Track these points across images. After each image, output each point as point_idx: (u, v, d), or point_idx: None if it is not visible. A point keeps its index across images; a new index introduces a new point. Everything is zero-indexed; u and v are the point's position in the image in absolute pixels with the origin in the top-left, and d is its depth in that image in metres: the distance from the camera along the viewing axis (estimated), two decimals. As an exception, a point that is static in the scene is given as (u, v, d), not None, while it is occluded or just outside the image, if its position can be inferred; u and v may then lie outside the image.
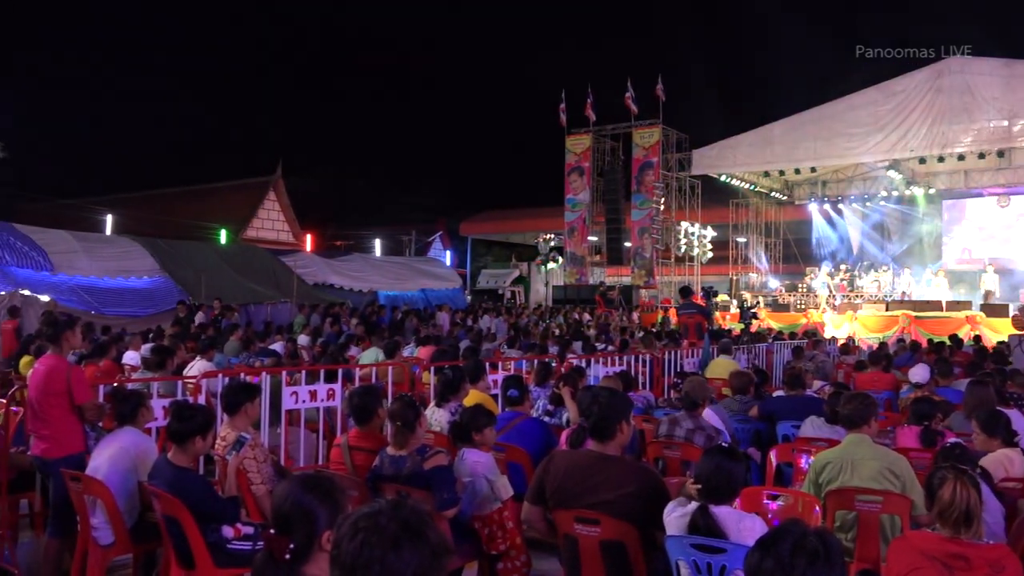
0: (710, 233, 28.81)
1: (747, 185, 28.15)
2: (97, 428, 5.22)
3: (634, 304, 26.42)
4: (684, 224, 27.98)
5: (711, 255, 28.95)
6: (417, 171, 68.46)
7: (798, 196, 29.79)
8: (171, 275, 17.93)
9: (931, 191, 26.51)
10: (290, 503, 2.29)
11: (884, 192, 27.10)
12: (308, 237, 35.01)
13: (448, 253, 41.88)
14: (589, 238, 30.34)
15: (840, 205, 28.84)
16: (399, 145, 78.34)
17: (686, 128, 28.49)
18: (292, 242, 33.93)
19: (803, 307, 24.28)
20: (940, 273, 24.54)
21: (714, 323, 18.57)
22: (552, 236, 30.85)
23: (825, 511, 4.22)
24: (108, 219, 29.26)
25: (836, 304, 23.64)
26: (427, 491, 4.04)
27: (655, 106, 28.11)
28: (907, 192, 26.68)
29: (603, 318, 21.99)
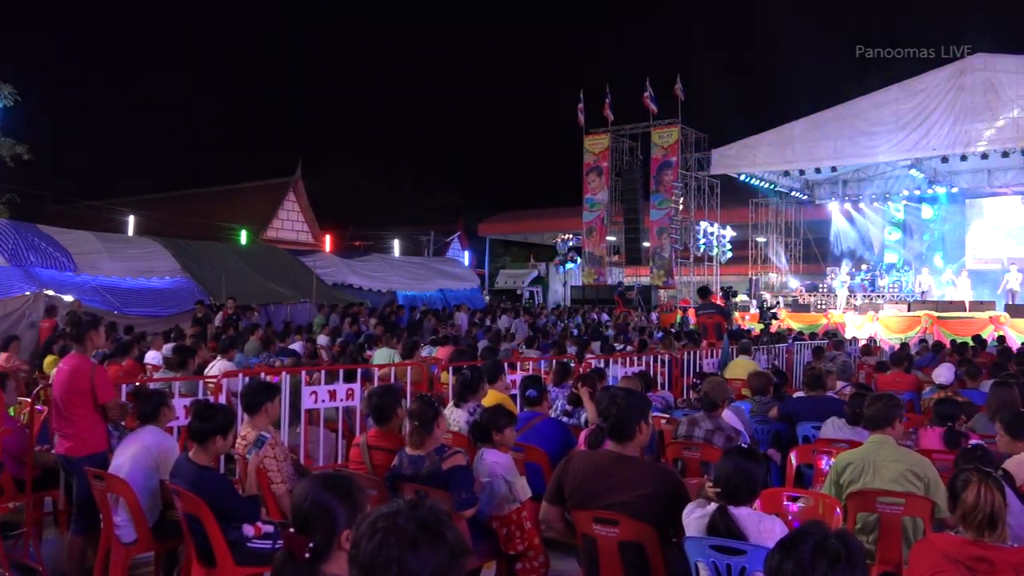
0: (729, 233, 28.65)
1: (767, 184, 27.96)
2: (120, 427, 5.27)
3: (653, 304, 26.32)
4: (703, 224, 27.84)
5: (730, 255, 28.79)
6: (435, 172, 68.63)
7: (818, 195, 29.52)
8: (192, 275, 18.06)
9: (954, 190, 26.21)
10: (310, 502, 2.30)
11: (906, 191, 26.83)
12: (327, 237, 35.20)
13: (466, 253, 41.92)
14: (607, 238, 30.28)
15: (861, 204, 28.56)
16: (418, 146, 78.57)
17: (705, 127, 28.42)
18: (311, 242, 34.13)
19: (823, 307, 24.08)
20: (963, 273, 24.26)
21: (733, 323, 18.49)
22: (570, 236, 30.82)
23: (846, 513, 4.18)
24: (130, 220, 29.57)
25: (857, 304, 23.44)
26: (445, 491, 4.04)
27: (674, 105, 28.07)
28: (929, 191, 26.41)
29: (622, 318, 21.93)
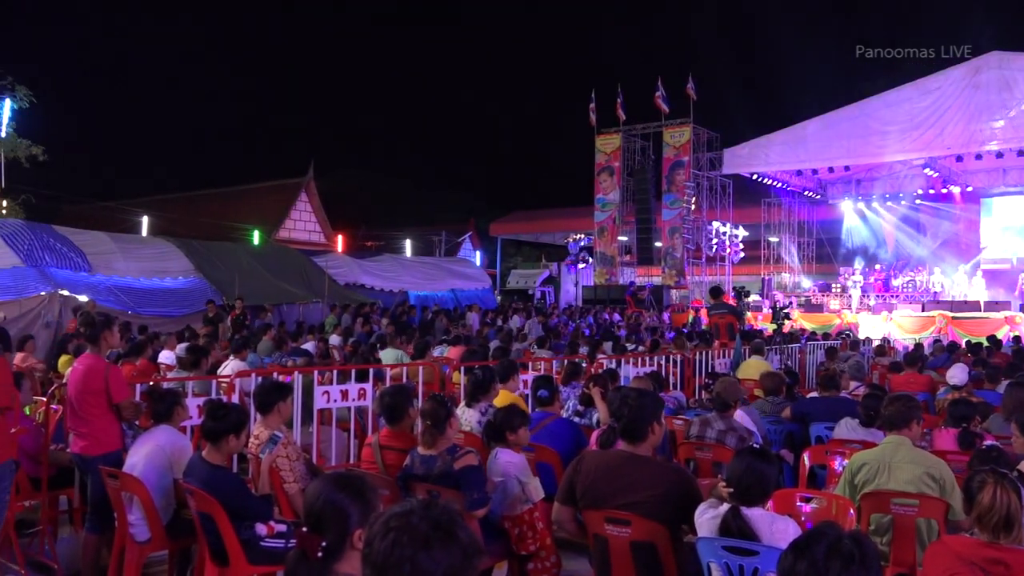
0: (741, 233, 28.55)
1: (779, 184, 27.82)
2: (134, 426, 5.30)
3: (665, 304, 26.25)
4: (715, 224, 27.75)
5: (743, 255, 28.68)
6: (447, 172, 68.79)
7: (831, 195, 29.36)
8: (205, 276, 18.13)
9: (968, 189, 26.00)
10: (322, 501, 2.31)
11: (919, 190, 26.65)
12: (339, 238, 35.31)
13: (478, 253, 41.93)
14: (619, 238, 30.22)
15: (874, 204, 28.38)
16: (429, 146, 78.76)
17: (717, 127, 28.32)
18: (323, 243, 34.24)
19: (837, 307, 23.95)
20: (978, 273, 24.07)
21: (745, 323, 18.41)
22: (582, 236, 30.76)
23: (860, 514, 4.16)
24: (144, 221, 29.75)
25: (871, 305, 23.30)
26: (457, 491, 4.05)
27: (686, 105, 27.98)
28: (943, 190, 26.21)
29: (634, 318, 21.89)
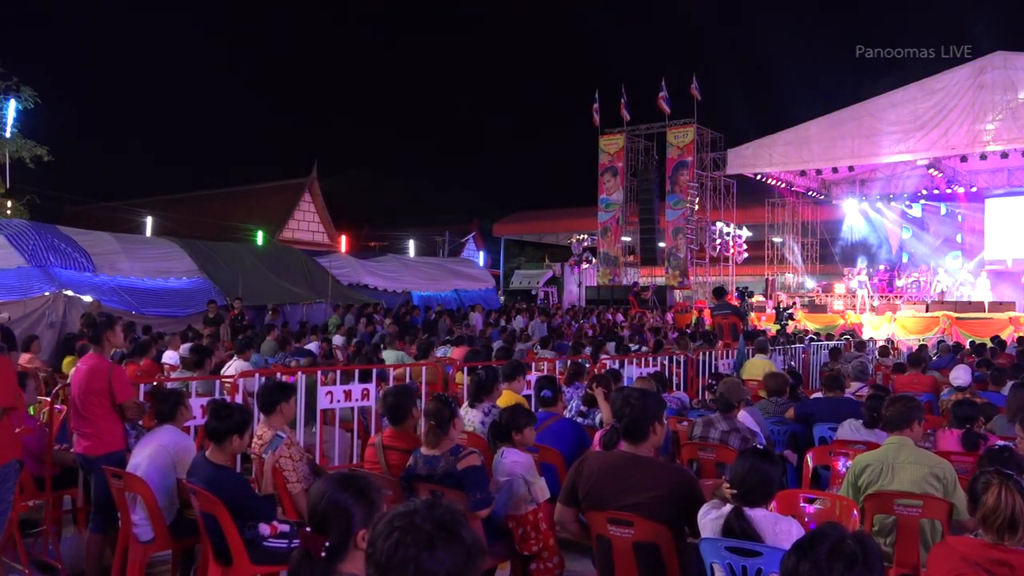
0: (745, 233, 28.51)
1: (783, 184, 27.78)
2: (137, 426, 5.31)
3: (668, 305, 26.23)
4: (719, 224, 27.72)
5: (746, 255, 28.65)
6: (450, 172, 68.81)
7: (835, 195, 29.32)
8: (209, 276, 18.15)
9: (973, 189, 25.95)
10: (326, 501, 2.31)
11: (924, 191, 26.60)
12: (343, 238, 35.34)
13: (481, 254, 41.94)
14: (623, 238, 30.21)
15: (879, 204, 28.34)
16: (433, 146, 78.77)
17: (721, 127, 28.30)
18: (327, 243, 34.26)
19: (840, 308, 23.91)
20: (982, 273, 24.01)
21: (749, 324, 18.37)
22: (585, 236, 30.75)
23: (863, 515, 4.15)
24: (148, 221, 29.80)
25: (874, 305, 23.25)
26: (460, 491, 4.05)
27: (689, 105, 27.96)
28: (948, 190, 26.16)
29: (637, 319, 21.86)
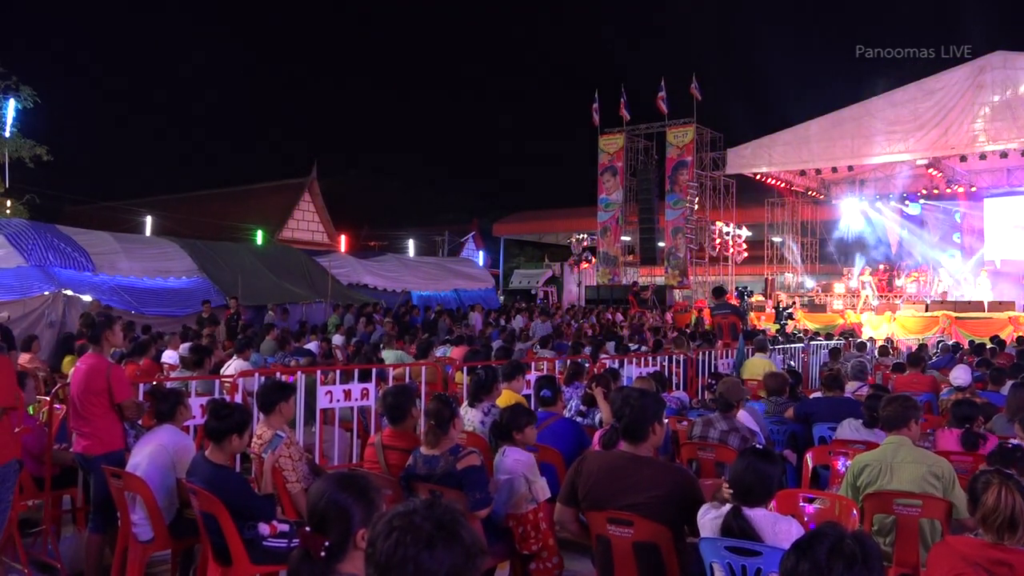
0: (745, 233, 28.52)
1: (783, 184, 27.78)
2: (136, 426, 5.31)
3: (668, 304, 26.22)
4: (719, 224, 27.72)
5: (746, 255, 28.65)
6: (450, 172, 68.82)
7: (835, 195, 29.32)
8: (208, 276, 18.14)
9: (972, 189, 25.95)
10: (325, 501, 2.31)
11: (924, 191, 26.60)
12: (342, 238, 35.33)
13: (481, 253, 41.93)
14: (622, 238, 30.21)
15: (878, 204, 28.34)
16: (432, 146, 78.77)
17: (720, 127, 28.30)
18: (326, 243, 34.25)
19: (840, 307, 23.91)
20: (982, 273, 24.00)
21: (748, 324, 18.38)
22: (585, 236, 30.74)
23: (863, 514, 4.15)
24: (148, 220, 29.79)
25: (874, 305, 23.25)
26: (460, 491, 4.05)
27: (689, 105, 27.96)
28: (948, 190, 26.16)
29: (636, 318, 21.86)
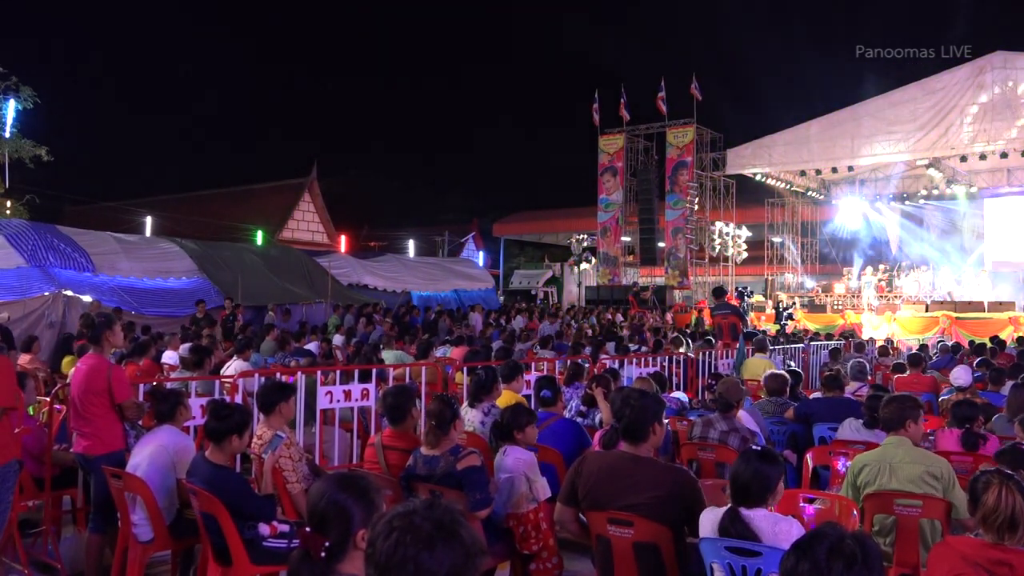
0: (745, 233, 28.52)
1: (783, 184, 27.77)
2: (137, 426, 5.31)
3: (668, 305, 26.22)
4: (719, 224, 27.72)
5: (746, 255, 28.66)
6: (450, 172, 68.82)
7: (835, 195, 29.33)
8: (208, 276, 18.13)
9: (972, 189, 25.95)
10: (326, 501, 2.30)
11: (924, 191, 26.61)
12: (342, 238, 35.33)
13: (481, 254, 41.93)
14: (622, 238, 30.21)
15: (878, 204, 28.34)
16: (432, 146, 78.78)
17: (720, 127, 28.32)
18: (326, 243, 34.25)
19: (840, 308, 23.90)
20: (982, 273, 23.99)
21: (748, 324, 18.37)
22: (585, 236, 30.76)
23: (863, 515, 4.15)
24: (148, 221, 29.78)
25: (874, 305, 23.25)
26: (460, 491, 4.05)
27: (689, 105, 27.98)
28: (948, 191, 26.16)
29: (636, 319, 21.86)
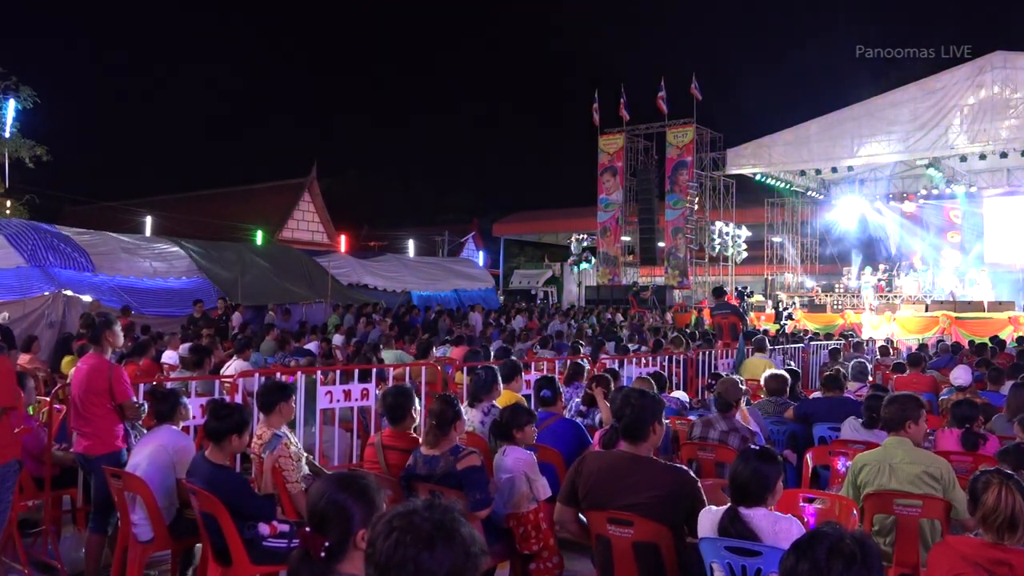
0: (744, 233, 28.51)
1: (782, 184, 27.77)
2: (136, 426, 5.32)
3: (668, 304, 26.22)
4: (718, 224, 27.70)
5: (745, 255, 28.65)
6: (450, 172, 68.83)
7: (835, 195, 29.32)
8: (208, 276, 18.14)
9: (972, 189, 25.94)
10: (325, 501, 2.30)
11: (923, 191, 26.61)
12: (342, 238, 35.33)
13: (481, 254, 41.93)
14: (622, 238, 30.21)
15: (878, 204, 28.34)
16: (432, 146, 78.74)
17: (721, 127, 28.32)
18: (326, 243, 34.25)
19: (840, 307, 23.90)
20: (982, 273, 23.99)
21: (748, 324, 18.37)
22: (585, 236, 30.76)
23: (863, 514, 4.15)
24: (148, 221, 29.78)
25: (874, 305, 23.25)
26: (460, 491, 4.05)
27: (689, 105, 27.98)
28: (947, 190, 26.16)
29: (636, 319, 21.86)
